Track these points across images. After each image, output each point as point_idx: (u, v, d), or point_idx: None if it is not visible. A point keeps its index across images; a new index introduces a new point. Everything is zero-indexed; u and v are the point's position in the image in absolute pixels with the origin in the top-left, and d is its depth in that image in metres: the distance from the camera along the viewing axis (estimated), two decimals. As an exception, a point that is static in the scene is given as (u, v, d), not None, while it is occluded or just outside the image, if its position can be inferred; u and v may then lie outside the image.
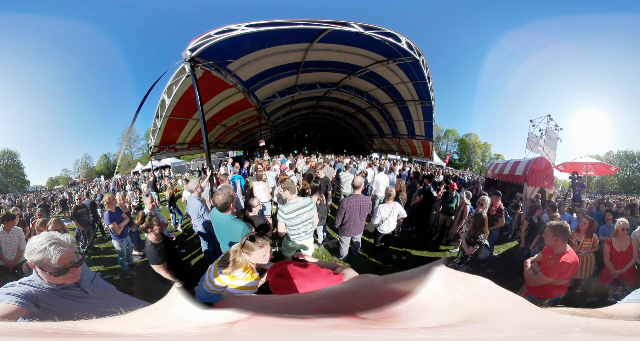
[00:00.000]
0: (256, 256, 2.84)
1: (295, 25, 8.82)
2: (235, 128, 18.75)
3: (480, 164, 22.81)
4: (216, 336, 0.43)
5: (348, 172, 9.49)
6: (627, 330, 0.47)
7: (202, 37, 7.98)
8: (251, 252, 2.81)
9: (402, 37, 10.47)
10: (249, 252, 2.82)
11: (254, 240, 2.83)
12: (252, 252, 2.81)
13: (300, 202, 4.62)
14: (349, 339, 0.41)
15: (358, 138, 25.27)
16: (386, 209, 5.79)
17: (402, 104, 17.39)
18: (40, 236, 2.06)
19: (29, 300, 1.90)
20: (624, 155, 20.08)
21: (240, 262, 2.84)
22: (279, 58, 11.97)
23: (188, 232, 8.44)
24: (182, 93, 11.34)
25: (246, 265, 2.86)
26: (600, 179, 19.86)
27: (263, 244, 2.84)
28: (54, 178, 18.05)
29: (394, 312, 0.44)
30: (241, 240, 2.90)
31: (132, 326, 0.49)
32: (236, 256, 2.85)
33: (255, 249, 2.81)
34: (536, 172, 10.85)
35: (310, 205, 4.70)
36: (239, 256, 2.85)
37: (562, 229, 3.60)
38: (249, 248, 2.81)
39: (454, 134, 23.95)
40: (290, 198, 4.67)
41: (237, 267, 2.85)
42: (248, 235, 2.88)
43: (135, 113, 6.63)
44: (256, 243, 2.81)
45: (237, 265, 2.85)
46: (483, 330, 0.44)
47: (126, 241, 6.26)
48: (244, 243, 2.83)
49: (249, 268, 2.88)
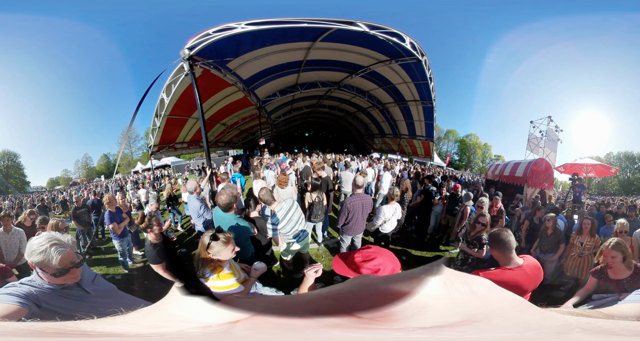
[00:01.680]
0: (226, 253, 2.76)
1: (299, 23, 8.82)
2: (235, 127, 18.73)
3: (481, 165, 22.83)
4: (217, 336, 0.43)
5: (348, 171, 9.51)
6: (627, 330, 0.47)
7: (200, 36, 7.96)
8: (220, 250, 2.73)
9: (406, 37, 10.47)
10: (218, 251, 2.73)
11: (217, 238, 2.72)
12: (221, 250, 2.73)
13: (284, 206, 4.66)
14: (348, 338, 0.41)
15: (359, 137, 25.28)
16: (390, 210, 5.78)
17: (403, 104, 17.40)
18: (40, 236, 2.06)
19: (30, 300, 1.90)
20: (624, 157, 20.09)
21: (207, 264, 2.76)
22: (280, 56, 11.96)
23: (189, 232, 8.44)
24: (181, 92, 11.30)
25: (214, 266, 2.78)
26: (600, 180, 19.87)
27: (228, 239, 2.77)
28: (55, 179, 18.06)
29: (392, 312, 0.44)
30: (202, 242, 2.76)
31: (133, 326, 0.49)
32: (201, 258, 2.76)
33: (222, 247, 2.72)
34: (536, 173, 10.85)
35: (294, 204, 4.77)
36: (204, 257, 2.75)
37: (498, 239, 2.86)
38: (216, 248, 2.72)
39: (454, 135, 23.97)
40: (275, 207, 4.73)
41: (205, 269, 2.76)
42: (209, 235, 2.75)
43: (134, 112, 6.61)
44: (220, 240, 2.72)
45: (205, 268, 2.76)
46: (483, 330, 0.44)
47: (126, 241, 6.26)
48: (209, 245, 2.71)
49: (217, 268, 2.80)
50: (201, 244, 2.77)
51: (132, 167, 19.38)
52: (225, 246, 2.74)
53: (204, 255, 2.75)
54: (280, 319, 0.43)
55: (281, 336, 0.41)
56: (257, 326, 0.42)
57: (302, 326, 0.41)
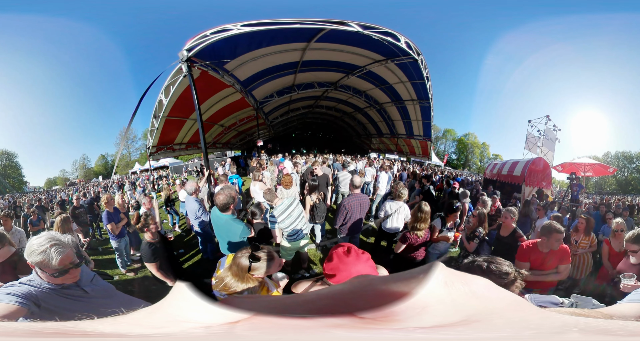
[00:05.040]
0: (274, 269, 2.41)
1: (292, 24, 8.80)
2: (233, 128, 18.71)
3: (479, 164, 22.84)
4: (219, 336, 0.44)
5: (345, 171, 9.52)
6: (626, 330, 0.47)
7: (198, 37, 7.95)
8: (263, 270, 2.32)
9: (401, 36, 10.45)
10: (262, 272, 2.33)
11: (257, 258, 2.29)
12: (268, 268, 2.34)
13: (285, 201, 4.71)
14: (349, 338, 0.41)
15: (356, 137, 25.26)
16: (391, 206, 5.75)
17: (400, 104, 17.40)
18: (40, 236, 2.06)
19: (29, 300, 1.90)
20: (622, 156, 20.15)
21: (253, 285, 2.34)
22: (276, 57, 11.94)
23: (186, 233, 8.44)
24: (179, 94, 11.26)
25: (261, 288, 2.46)
26: (598, 180, 19.91)
27: (271, 254, 2.37)
28: (52, 179, 17.99)
29: (392, 312, 0.44)
30: (240, 265, 2.30)
31: (134, 327, 0.49)
32: (246, 282, 2.31)
33: (265, 266, 2.32)
34: (534, 172, 10.88)
35: (295, 201, 4.85)
36: (251, 281, 2.32)
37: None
38: (259, 269, 2.31)
39: (452, 134, 23.97)
40: (276, 202, 4.84)
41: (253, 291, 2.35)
42: (246, 256, 2.30)
43: (132, 113, 6.63)
44: (263, 258, 2.31)
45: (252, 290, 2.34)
46: (482, 329, 0.44)
47: (124, 241, 6.25)
48: (251, 267, 2.27)
49: (264, 288, 2.49)
50: (237, 268, 2.32)
51: (130, 168, 19.32)
52: (271, 262, 2.36)
53: (246, 277, 2.32)
54: (281, 319, 0.43)
55: (282, 336, 0.41)
56: (258, 326, 0.43)
57: (303, 326, 0.41)
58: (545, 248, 3.91)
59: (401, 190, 5.70)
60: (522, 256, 4.02)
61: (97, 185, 17.21)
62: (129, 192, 13.35)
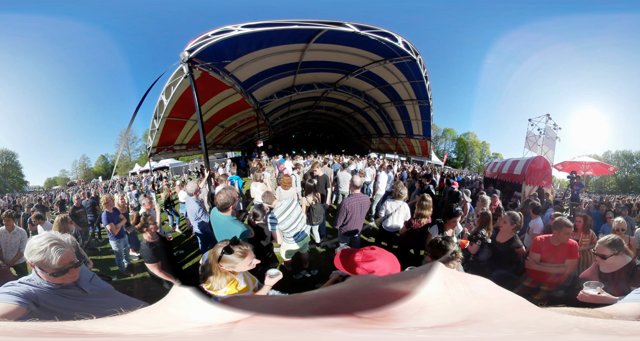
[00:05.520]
0: (242, 266, 2.54)
1: (290, 25, 8.82)
2: (233, 129, 18.72)
3: (479, 163, 22.80)
4: (218, 336, 0.43)
5: (345, 172, 9.52)
6: (626, 330, 0.47)
7: (199, 38, 7.97)
8: (234, 264, 2.49)
9: (398, 36, 10.47)
10: (232, 265, 2.49)
11: (231, 251, 2.45)
12: (236, 264, 2.49)
13: (285, 202, 4.73)
14: (349, 338, 0.41)
15: (356, 138, 25.24)
16: (392, 205, 5.76)
17: (399, 104, 17.41)
18: (40, 236, 2.06)
19: (29, 300, 1.90)
20: (622, 155, 20.10)
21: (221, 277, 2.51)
22: (276, 58, 11.96)
23: (186, 234, 8.43)
24: (180, 94, 11.28)
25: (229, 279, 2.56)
26: (598, 179, 19.87)
27: (245, 252, 2.52)
28: (52, 179, 17.97)
29: (393, 312, 0.44)
30: (214, 253, 2.49)
31: (133, 327, 0.49)
32: (215, 272, 2.51)
33: (237, 261, 2.48)
34: (535, 171, 10.87)
35: (294, 202, 4.88)
36: (219, 272, 2.50)
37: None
38: (231, 262, 2.47)
39: (452, 133, 23.92)
40: (275, 203, 4.87)
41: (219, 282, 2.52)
42: (222, 247, 2.47)
43: (133, 114, 6.64)
44: (236, 253, 2.47)
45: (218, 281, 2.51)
46: (483, 329, 0.44)
47: (123, 241, 6.24)
48: (221, 257, 2.45)
49: (231, 281, 2.58)
50: (213, 256, 2.52)
51: (130, 169, 19.31)
52: (241, 259, 2.50)
53: (216, 267, 2.50)
54: (280, 319, 0.43)
55: (282, 336, 0.41)
56: (258, 326, 0.42)
57: (303, 326, 0.41)
58: (556, 242, 4.25)
59: (401, 190, 5.71)
60: (535, 248, 4.46)
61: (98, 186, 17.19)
62: (128, 192, 13.35)
